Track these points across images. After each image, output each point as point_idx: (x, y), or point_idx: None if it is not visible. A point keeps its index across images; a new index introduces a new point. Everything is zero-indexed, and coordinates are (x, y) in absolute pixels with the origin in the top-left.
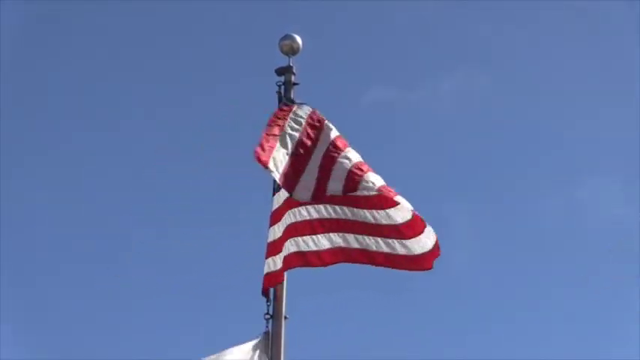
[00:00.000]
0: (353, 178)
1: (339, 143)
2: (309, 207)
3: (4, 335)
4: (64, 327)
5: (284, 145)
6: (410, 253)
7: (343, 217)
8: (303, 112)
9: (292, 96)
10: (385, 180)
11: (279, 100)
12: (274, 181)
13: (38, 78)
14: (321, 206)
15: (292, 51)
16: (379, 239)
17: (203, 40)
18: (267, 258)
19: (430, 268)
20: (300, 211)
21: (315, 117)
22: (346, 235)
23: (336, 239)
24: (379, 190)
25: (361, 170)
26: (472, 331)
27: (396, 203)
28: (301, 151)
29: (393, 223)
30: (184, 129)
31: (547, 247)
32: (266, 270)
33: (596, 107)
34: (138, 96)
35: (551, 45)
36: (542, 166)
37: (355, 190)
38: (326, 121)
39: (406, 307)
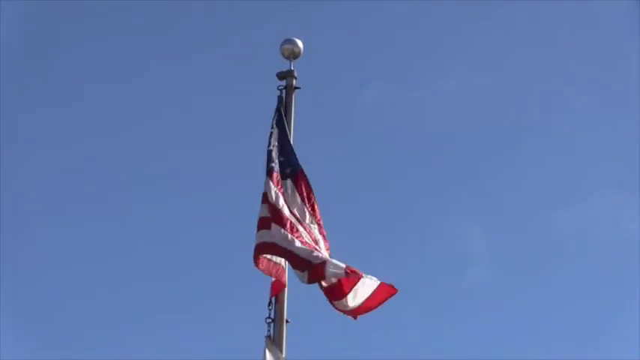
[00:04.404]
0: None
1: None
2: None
3: (4, 335)
4: (64, 326)
5: None
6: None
7: None
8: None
9: (293, 99)
10: (392, 190)
11: (279, 104)
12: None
13: (37, 79)
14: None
15: (293, 55)
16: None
17: (205, 44)
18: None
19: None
20: None
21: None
22: None
23: None
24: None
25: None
26: (476, 334)
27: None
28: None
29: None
30: (186, 132)
31: (561, 262)
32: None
33: (609, 120)
34: (138, 100)
35: (552, 46)
36: (557, 180)
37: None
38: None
39: (412, 313)
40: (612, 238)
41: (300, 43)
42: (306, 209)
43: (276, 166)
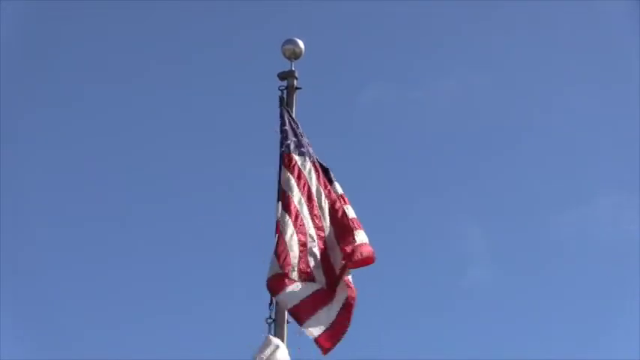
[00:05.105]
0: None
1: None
2: None
3: (4, 335)
4: (64, 327)
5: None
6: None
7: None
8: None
9: (294, 100)
10: (392, 190)
11: (281, 104)
12: (278, 187)
13: (37, 79)
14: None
15: (294, 55)
16: None
17: (205, 44)
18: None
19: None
20: None
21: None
22: None
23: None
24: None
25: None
26: (476, 334)
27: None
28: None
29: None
30: (186, 132)
31: (561, 262)
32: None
33: (609, 120)
34: (138, 100)
35: (552, 46)
36: (557, 180)
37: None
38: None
39: (412, 313)
40: (612, 239)
41: (301, 44)
42: (322, 190)
43: (287, 148)
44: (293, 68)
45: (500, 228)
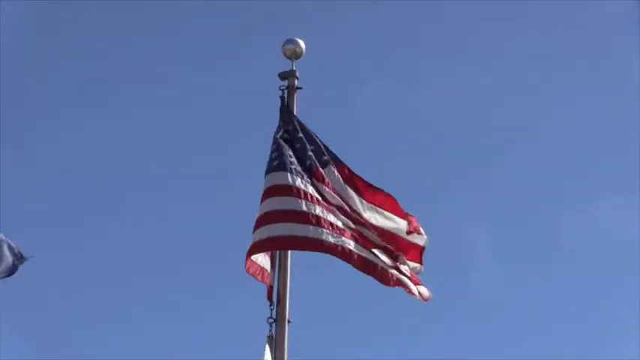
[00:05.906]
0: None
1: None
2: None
3: (3, 335)
4: (63, 328)
5: None
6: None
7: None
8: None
9: (295, 100)
10: (394, 191)
11: (282, 104)
12: None
13: (37, 79)
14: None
15: (295, 55)
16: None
17: (206, 44)
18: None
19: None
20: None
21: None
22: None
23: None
24: None
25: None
26: (478, 335)
27: None
28: None
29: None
30: (187, 133)
31: (564, 264)
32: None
33: (610, 121)
34: (138, 100)
35: (553, 46)
36: (560, 181)
37: None
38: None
39: (413, 314)
40: (613, 241)
41: (302, 43)
42: (355, 196)
43: (312, 161)
44: (294, 68)
45: (502, 230)
